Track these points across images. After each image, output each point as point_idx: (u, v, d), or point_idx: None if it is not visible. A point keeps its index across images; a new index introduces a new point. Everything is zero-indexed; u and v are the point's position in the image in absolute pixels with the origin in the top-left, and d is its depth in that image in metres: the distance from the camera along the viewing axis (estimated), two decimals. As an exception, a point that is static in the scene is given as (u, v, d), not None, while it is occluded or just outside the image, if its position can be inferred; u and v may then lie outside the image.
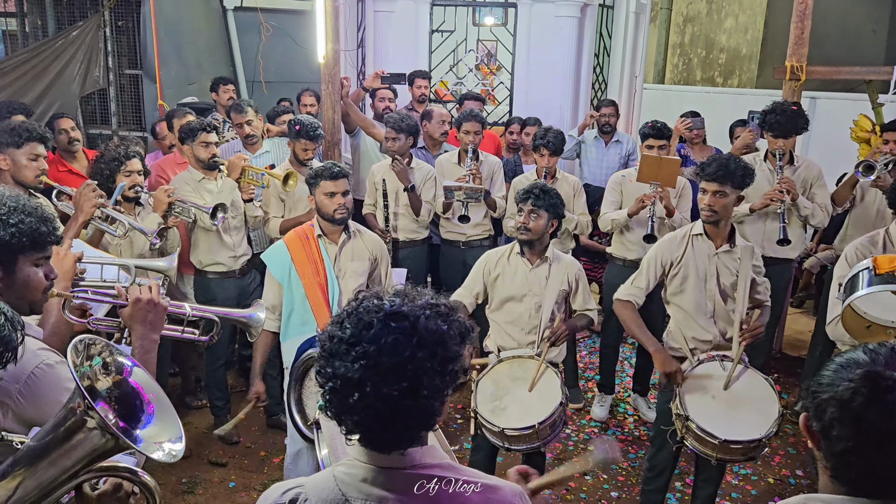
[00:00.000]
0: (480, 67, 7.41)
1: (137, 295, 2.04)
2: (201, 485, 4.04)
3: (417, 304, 1.37)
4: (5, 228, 1.80)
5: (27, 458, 1.41)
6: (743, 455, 3.14)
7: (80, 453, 1.40)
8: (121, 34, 6.85)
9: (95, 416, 1.36)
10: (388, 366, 1.30)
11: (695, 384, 3.25)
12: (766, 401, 3.15)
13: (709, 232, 3.43)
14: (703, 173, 3.35)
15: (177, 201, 3.90)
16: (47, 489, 1.41)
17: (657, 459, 3.59)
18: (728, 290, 3.42)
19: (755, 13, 10.24)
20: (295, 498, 1.42)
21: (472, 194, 4.63)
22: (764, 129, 4.51)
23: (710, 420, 3.09)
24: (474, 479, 1.42)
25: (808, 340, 5.82)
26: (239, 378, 5.21)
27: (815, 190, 4.51)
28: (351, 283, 3.54)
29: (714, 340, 3.42)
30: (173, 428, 1.53)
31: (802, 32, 5.02)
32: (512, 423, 3.19)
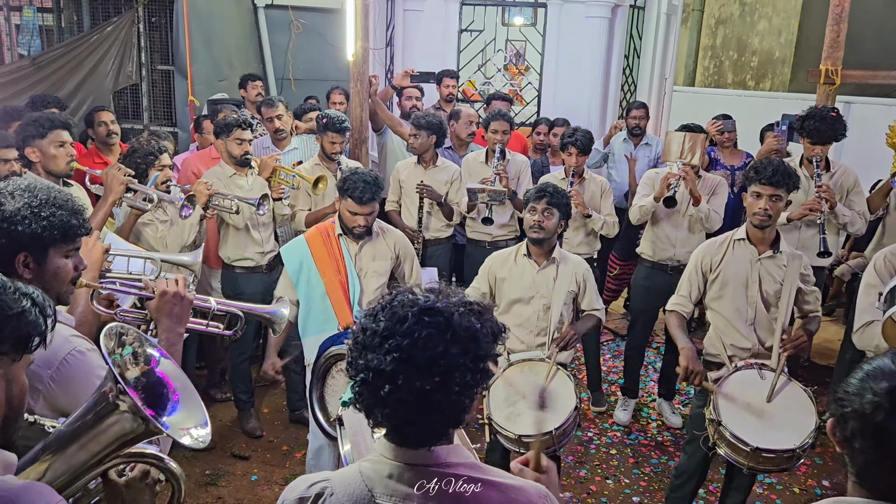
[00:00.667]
0: (509, 67, 7.39)
1: (164, 288, 2.06)
2: (224, 477, 4.08)
3: (452, 301, 1.38)
4: (37, 221, 1.82)
5: (57, 442, 1.44)
6: (776, 465, 3.07)
7: (110, 437, 1.42)
8: (154, 30, 6.94)
9: (127, 401, 1.39)
10: (421, 360, 1.30)
11: (731, 391, 3.18)
12: (803, 412, 3.07)
13: (752, 237, 3.36)
14: (758, 176, 3.24)
15: (216, 193, 3.93)
16: (76, 473, 1.43)
17: (686, 466, 3.54)
18: (771, 297, 3.34)
19: (789, 16, 10.09)
20: (321, 492, 1.42)
21: (495, 196, 4.62)
22: (801, 135, 4.42)
23: (743, 427, 3.04)
24: (498, 478, 1.42)
25: (837, 348, 5.74)
26: (263, 372, 5.26)
27: (852, 197, 4.43)
28: (372, 282, 3.55)
29: (753, 348, 3.35)
30: (198, 415, 1.55)
31: (838, 35, 4.94)
32: (528, 430, 3.15)
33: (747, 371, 3.25)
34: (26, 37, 8.10)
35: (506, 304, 3.58)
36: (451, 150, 5.41)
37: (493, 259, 3.66)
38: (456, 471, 1.39)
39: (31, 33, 7.97)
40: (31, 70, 6.44)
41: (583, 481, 4.17)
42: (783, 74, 10.23)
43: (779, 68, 10.28)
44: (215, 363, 4.98)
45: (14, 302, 1.25)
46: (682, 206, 4.53)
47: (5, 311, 1.23)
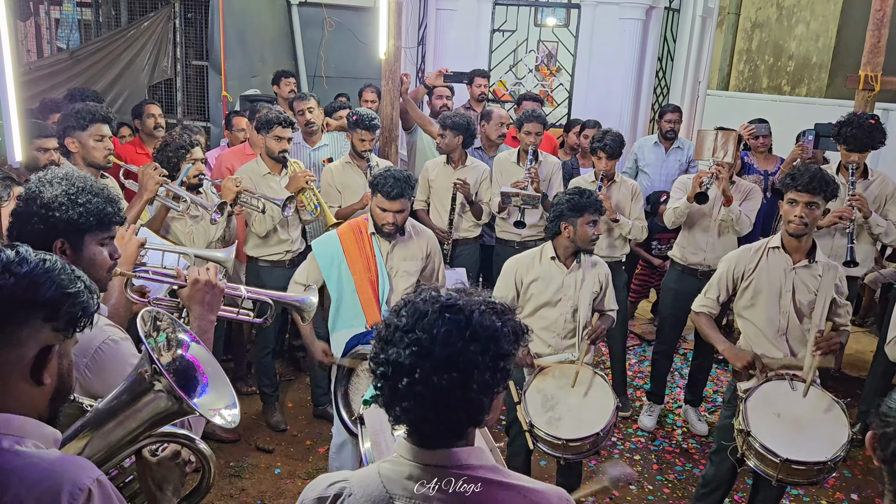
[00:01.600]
0: (540, 68, 7.37)
1: (196, 276, 2.10)
2: (248, 469, 4.12)
3: (474, 299, 1.38)
4: (74, 208, 1.87)
5: (96, 419, 1.50)
6: (806, 478, 3.00)
7: (145, 415, 1.48)
8: (189, 26, 7.03)
9: (163, 381, 1.44)
10: (439, 356, 1.30)
11: (761, 401, 3.12)
12: (835, 424, 3.01)
13: (787, 245, 3.30)
14: (794, 183, 3.17)
15: (245, 191, 3.97)
16: (113, 449, 1.50)
17: (713, 476, 3.49)
18: (804, 308, 3.27)
19: (828, 20, 9.92)
20: (340, 492, 1.43)
21: (529, 201, 4.61)
22: (838, 142, 4.34)
23: (772, 438, 2.98)
24: (519, 482, 1.41)
25: (869, 360, 5.63)
26: (287, 367, 5.30)
27: (889, 206, 4.34)
28: (402, 282, 3.54)
29: (784, 360, 3.29)
30: (227, 396, 1.60)
31: (879, 41, 4.84)
32: (573, 434, 3.13)
33: (778, 382, 3.18)
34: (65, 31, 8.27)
35: (533, 307, 3.55)
36: (482, 150, 5.40)
37: (518, 263, 3.62)
38: (476, 473, 1.38)
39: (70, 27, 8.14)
40: (70, 63, 6.56)
41: (605, 487, 4.13)
42: (820, 80, 10.05)
43: (815, 74, 10.11)
44: (243, 356, 5.03)
45: (70, 282, 1.30)
46: (714, 210, 4.48)
47: (63, 290, 1.29)
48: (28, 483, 1.18)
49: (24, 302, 1.25)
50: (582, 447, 3.16)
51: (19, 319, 1.24)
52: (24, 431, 1.25)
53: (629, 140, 6.27)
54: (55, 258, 1.32)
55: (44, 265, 1.28)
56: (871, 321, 6.54)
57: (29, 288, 1.25)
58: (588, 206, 3.37)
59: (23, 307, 1.25)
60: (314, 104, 5.06)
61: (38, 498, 1.17)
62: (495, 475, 1.39)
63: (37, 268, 1.27)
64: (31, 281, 1.26)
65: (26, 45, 8.14)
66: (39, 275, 1.27)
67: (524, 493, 1.39)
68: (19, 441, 1.23)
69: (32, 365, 1.26)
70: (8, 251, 1.27)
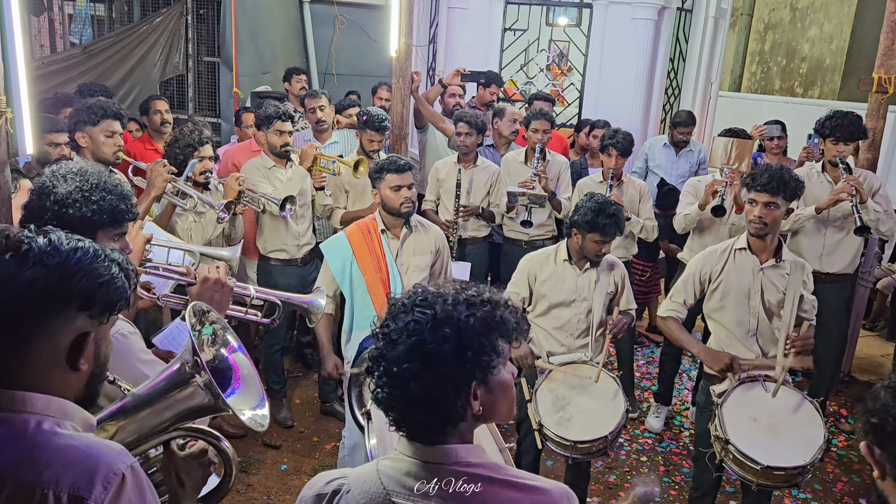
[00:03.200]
0: (551, 68, 7.34)
1: (206, 274, 2.11)
2: (255, 465, 4.13)
3: (447, 291, 1.40)
4: (87, 205, 1.88)
5: (133, 404, 1.53)
6: (786, 482, 2.99)
7: (181, 407, 1.51)
8: (201, 22, 7.05)
9: (204, 375, 1.47)
10: (402, 346, 1.34)
11: (736, 405, 3.10)
12: (810, 425, 3.00)
13: (753, 246, 3.29)
14: (753, 183, 3.18)
15: (247, 190, 3.99)
16: (144, 436, 1.53)
17: (700, 481, 3.48)
18: (773, 307, 3.27)
19: (842, 22, 9.86)
20: (338, 489, 1.43)
21: (535, 200, 4.60)
22: (823, 136, 4.35)
23: (751, 444, 2.96)
24: (520, 479, 1.40)
25: (880, 364, 5.60)
26: (295, 363, 5.31)
27: (877, 199, 4.32)
28: (413, 278, 3.54)
29: (756, 360, 3.28)
30: (255, 397, 1.63)
31: (893, 43, 4.80)
32: (582, 435, 3.13)
33: (751, 383, 3.17)
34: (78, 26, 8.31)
35: (545, 306, 3.55)
36: (493, 147, 5.40)
37: (531, 261, 3.62)
38: (475, 470, 1.38)
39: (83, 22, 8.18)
40: (82, 58, 6.59)
41: (612, 487, 4.13)
42: (833, 82, 9.99)
43: (829, 76, 10.04)
44: (249, 353, 5.04)
45: (105, 269, 1.30)
46: (725, 215, 4.46)
47: (97, 278, 1.29)
48: (65, 464, 1.20)
49: (56, 295, 1.24)
50: (590, 449, 3.16)
51: (52, 311, 1.25)
52: (64, 414, 1.27)
53: (639, 141, 6.24)
54: (88, 243, 1.31)
55: (75, 255, 1.27)
56: (882, 325, 6.50)
57: (61, 280, 1.25)
58: (602, 229, 3.30)
59: (55, 300, 1.25)
60: (325, 102, 5.07)
61: (74, 479, 1.19)
62: (495, 473, 1.39)
63: (69, 258, 1.26)
64: (63, 273, 1.25)
65: (39, 40, 8.18)
66: (71, 266, 1.26)
67: (525, 491, 1.38)
68: (60, 423, 1.25)
69: (68, 352, 1.27)
70: (40, 239, 1.26)
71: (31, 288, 1.22)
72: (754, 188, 3.18)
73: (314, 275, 4.47)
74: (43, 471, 1.18)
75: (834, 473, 4.35)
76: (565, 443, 3.13)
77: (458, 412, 1.37)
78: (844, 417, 4.96)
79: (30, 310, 1.23)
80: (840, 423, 4.87)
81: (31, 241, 1.25)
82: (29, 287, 1.22)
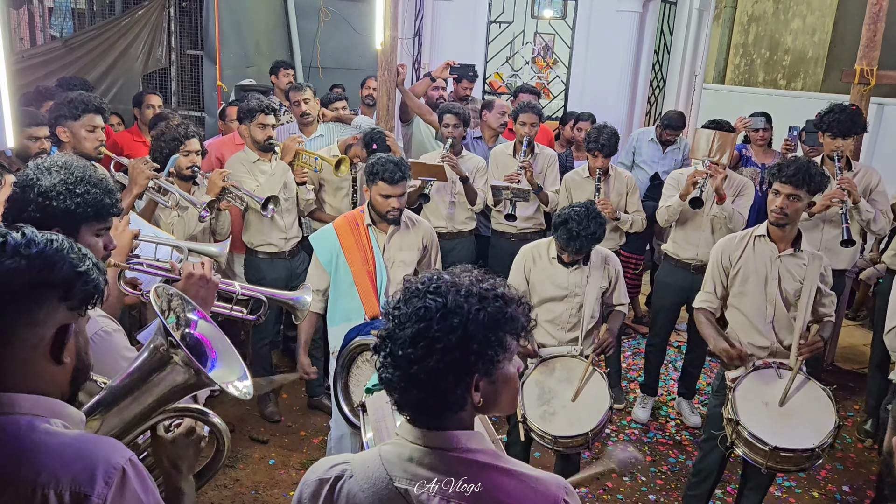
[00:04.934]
0: (537, 60, 7.35)
1: (191, 270, 2.10)
2: (242, 460, 4.12)
3: (462, 283, 1.40)
4: (72, 198, 1.86)
5: (112, 396, 1.51)
6: (794, 465, 3.04)
7: (162, 389, 1.50)
8: (184, 15, 6.98)
9: (180, 353, 1.46)
10: (410, 329, 1.35)
11: (749, 390, 3.16)
12: (822, 411, 3.05)
13: (773, 234, 3.33)
14: (779, 174, 3.21)
15: (231, 186, 3.96)
16: (129, 425, 1.52)
17: (704, 464, 3.52)
18: (790, 296, 3.31)
19: (824, 14, 9.93)
20: (340, 474, 1.44)
21: (519, 194, 4.60)
22: (821, 131, 4.37)
23: (761, 426, 3.02)
24: (518, 468, 1.42)
25: (862, 353, 5.66)
26: (283, 358, 5.29)
27: (874, 196, 4.36)
28: (400, 272, 3.53)
29: (771, 347, 3.33)
30: (237, 369, 1.63)
31: (875, 35, 4.85)
32: (563, 431, 3.15)
33: (765, 370, 3.22)
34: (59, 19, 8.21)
35: (537, 300, 3.56)
36: (481, 139, 5.39)
37: (525, 255, 3.64)
38: (476, 457, 1.39)
39: (64, 16, 8.08)
40: (63, 52, 6.51)
41: (599, 478, 4.16)
42: (816, 74, 10.06)
43: (811, 68, 10.12)
44: (236, 347, 5.01)
45: (80, 260, 1.31)
46: (706, 206, 4.48)
47: (75, 269, 1.29)
48: (63, 462, 1.20)
49: (40, 283, 1.25)
50: (571, 444, 3.18)
51: (36, 300, 1.25)
52: (53, 412, 1.27)
53: (625, 133, 6.26)
54: (61, 237, 1.32)
55: (52, 245, 1.28)
56: (864, 314, 6.57)
57: (43, 268, 1.25)
58: (573, 247, 3.33)
59: (38, 288, 1.25)
60: (310, 95, 5.04)
61: (74, 477, 1.19)
62: (496, 460, 1.41)
63: (47, 248, 1.27)
64: (45, 261, 1.26)
65: (19, 33, 8.08)
66: (51, 254, 1.27)
67: (523, 480, 1.40)
68: (50, 422, 1.25)
69: (51, 345, 1.27)
70: (14, 234, 1.27)
71: (12, 277, 1.22)
72: (779, 179, 3.20)
73: (302, 266, 4.46)
74: (41, 471, 1.18)
75: (818, 461, 4.40)
76: (547, 437, 3.15)
77: (458, 401, 1.39)
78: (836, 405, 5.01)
79: (12, 299, 1.23)
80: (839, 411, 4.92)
81: (5, 234, 1.26)
82: (10, 276, 1.22)
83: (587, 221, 3.28)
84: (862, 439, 4.66)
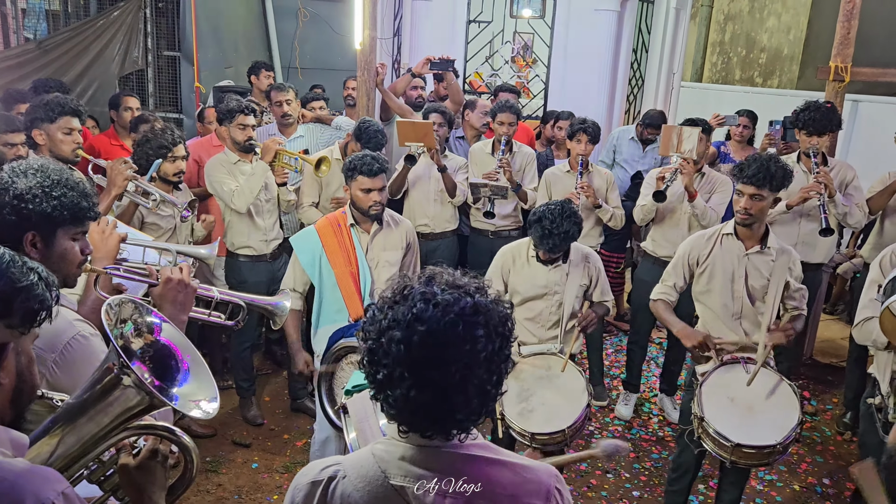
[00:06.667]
0: (516, 59, 7.36)
1: (169, 275, 2.07)
2: (224, 464, 4.09)
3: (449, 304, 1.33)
4: (48, 201, 1.83)
5: (67, 414, 1.44)
6: (757, 460, 3.07)
7: (118, 410, 1.42)
8: (160, 16, 6.91)
9: (131, 375, 1.38)
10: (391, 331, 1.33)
11: (715, 385, 3.19)
12: (786, 407, 3.08)
13: (740, 233, 3.37)
14: (741, 175, 3.25)
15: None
16: (88, 444, 1.44)
17: (681, 459, 3.55)
18: (757, 292, 3.35)
19: (798, 13, 10.05)
20: (333, 475, 1.42)
21: (497, 191, 4.61)
22: (797, 128, 4.43)
23: (725, 422, 3.04)
24: (511, 459, 1.43)
25: (840, 347, 5.73)
26: (265, 360, 5.26)
27: (850, 191, 4.42)
28: (384, 272, 3.52)
29: (740, 342, 3.36)
30: (209, 387, 1.55)
31: (848, 32, 4.91)
32: (541, 428, 3.15)
33: (733, 365, 3.25)
34: (32, 20, 8.08)
35: (519, 299, 3.57)
36: (463, 139, 5.39)
37: (504, 255, 3.64)
38: (468, 451, 1.39)
39: (38, 17, 7.95)
40: (37, 54, 6.41)
41: (583, 475, 4.18)
42: (791, 72, 10.19)
43: (787, 65, 10.24)
44: (218, 350, 4.98)
45: (22, 275, 1.25)
46: (683, 205, 4.52)
47: (14, 284, 1.23)
48: None
49: None
50: (548, 441, 3.19)
51: None
52: None
53: (604, 132, 6.28)
54: (3, 251, 1.26)
55: None
56: (842, 308, 6.66)
57: None
58: (546, 245, 3.34)
59: None
60: (292, 96, 5.00)
61: None
62: (489, 453, 1.41)
63: None
64: None
65: (-8, 34, 7.95)
66: None
67: (517, 470, 1.41)
68: None
69: None
70: None
71: None
72: (741, 180, 3.24)
73: (284, 269, 4.42)
74: None
75: (798, 454, 4.45)
76: (524, 434, 3.16)
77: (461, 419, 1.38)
78: (807, 400, 5.08)
79: None
80: (803, 406, 4.97)
81: None
82: None
83: (561, 220, 3.30)
84: (841, 432, 4.72)
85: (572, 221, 3.33)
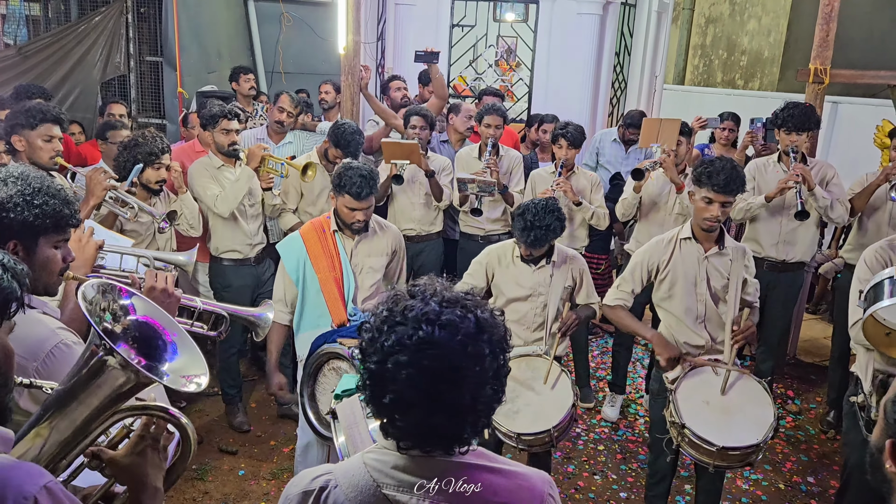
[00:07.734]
0: (500, 63, 7.38)
1: (153, 283, 2.06)
2: (211, 472, 4.06)
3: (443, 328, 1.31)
4: (29, 209, 1.81)
5: (56, 400, 1.43)
6: (740, 462, 3.08)
7: (106, 391, 1.40)
8: (142, 21, 6.88)
9: (117, 356, 1.37)
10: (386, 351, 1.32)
11: (689, 390, 3.18)
12: (760, 405, 3.10)
13: (698, 236, 3.36)
14: (710, 182, 3.17)
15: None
16: (80, 428, 1.42)
17: (657, 466, 3.56)
18: (719, 293, 3.36)
19: (778, 16, 10.16)
20: (325, 485, 1.40)
21: (485, 188, 4.61)
22: (777, 127, 4.48)
23: (705, 427, 3.03)
24: (504, 466, 1.42)
25: (823, 346, 5.79)
26: (251, 367, 5.24)
27: (830, 188, 4.46)
28: (368, 279, 3.50)
29: (706, 345, 3.37)
30: (199, 362, 1.53)
31: (827, 35, 4.97)
32: (526, 428, 3.15)
33: (702, 368, 3.25)
34: (12, 26, 8.00)
35: (504, 301, 3.57)
36: (447, 143, 5.39)
37: (490, 255, 3.64)
38: (462, 459, 1.38)
39: (18, 22, 7.88)
40: (18, 59, 6.37)
41: (570, 477, 4.19)
42: (772, 74, 10.29)
43: (768, 68, 10.34)
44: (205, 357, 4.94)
45: None
46: (668, 204, 4.55)
47: None
48: None
49: None
50: (534, 442, 3.19)
51: None
52: None
53: (588, 134, 6.31)
54: None
55: None
56: (825, 308, 6.73)
57: None
58: (528, 237, 3.33)
59: None
60: (291, 108, 4.98)
61: None
62: (482, 460, 1.40)
63: None
64: None
65: (-29, 40, 7.87)
66: None
67: (511, 477, 1.40)
68: None
69: None
70: None
71: None
72: (712, 188, 3.18)
73: (268, 273, 4.41)
74: None
75: (783, 453, 4.49)
76: (510, 434, 3.16)
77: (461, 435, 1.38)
78: (791, 399, 5.13)
79: None
80: (787, 405, 5.03)
81: None
82: None
83: (543, 213, 3.31)
84: (825, 430, 4.76)
85: (555, 216, 3.34)
